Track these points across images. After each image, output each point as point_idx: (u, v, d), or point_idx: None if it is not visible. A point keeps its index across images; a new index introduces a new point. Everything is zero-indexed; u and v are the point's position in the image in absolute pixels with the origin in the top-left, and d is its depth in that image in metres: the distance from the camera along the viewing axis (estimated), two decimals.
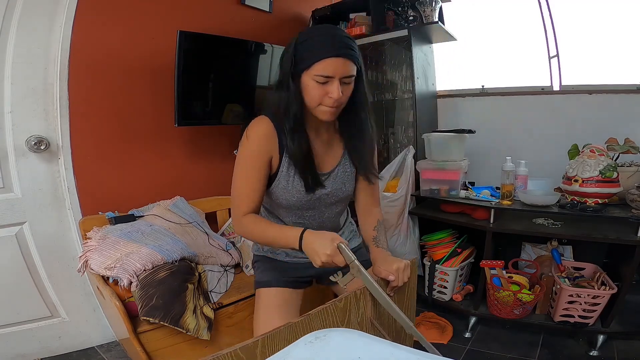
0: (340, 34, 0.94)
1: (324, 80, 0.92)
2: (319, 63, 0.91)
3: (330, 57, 0.90)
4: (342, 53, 0.91)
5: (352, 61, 0.94)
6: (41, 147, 1.58)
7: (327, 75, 0.92)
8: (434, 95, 2.52)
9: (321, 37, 0.93)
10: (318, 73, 0.92)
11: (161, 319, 1.28)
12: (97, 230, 1.55)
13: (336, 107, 0.97)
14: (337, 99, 0.93)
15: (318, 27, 0.99)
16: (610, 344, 1.63)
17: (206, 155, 2.17)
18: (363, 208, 1.18)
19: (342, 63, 0.92)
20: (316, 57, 0.91)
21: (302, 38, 0.95)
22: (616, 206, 1.63)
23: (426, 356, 0.51)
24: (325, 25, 1.00)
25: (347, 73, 0.93)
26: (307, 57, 0.92)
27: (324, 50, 0.91)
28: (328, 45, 0.91)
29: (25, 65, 1.53)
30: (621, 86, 1.98)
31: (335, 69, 0.91)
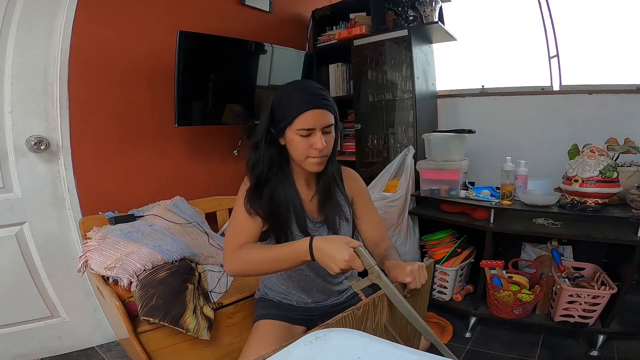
0: (314, 87, 1.00)
1: (306, 133, 0.97)
2: (299, 117, 0.96)
3: (309, 110, 0.95)
4: (319, 104, 0.96)
5: (329, 111, 0.99)
6: (41, 147, 1.58)
7: (309, 128, 0.97)
8: (434, 95, 2.52)
9: (297, 93, 0.98)
10: (300, 127, 0.96)
11: (161, 319, 1.28)
12: (97, 230, 1.55)
13: (322, 157, 1.01)
14: (321, 149, 0.98)
15: (291, 84, 1.03)
16: (610, 344, 1.63)
17: (206, 155, 2.17)
18: (370, 244, 1.16)
19: (320, 114, 0.97)
20: (296, 111, 0.96)
21: (278, 98, 1.00)
22: (616, 206, 1.63)
23: (426, 356, 0.51)
24: (297, 81, 1.05)
25: (327, 122, 0.99)
26: (288, 113, 0.97)
27: (301, 104, 0.96)
28: (305, 99, 0.96)
29: (25, 65, 1.53)
30: (621, 86, 1.98)
31: (316, 121, 0.97)
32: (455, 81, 2.55)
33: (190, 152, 2.11)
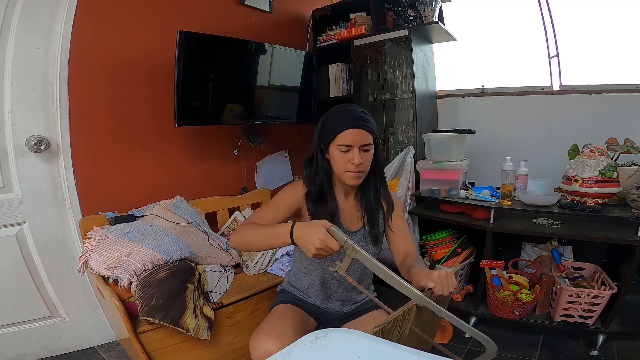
0: (357, 110, 1.12)
1: (346, 149, 1.09)
2: (340, 134, 1.08)
3: (349, 129, 1.07)
4: (358, 125, 1.08)
5: (368, 131, 1.10)
6: (41, 147, 1.58)
7: (348, 144, 1.08)
8: (434, 95, 2.52)
9: (342, 114, 1.11)
10: (340, 143, 1.08)
11: (161, 319, 1.28)
12: (97, 230, 1.55)
13: (359, 172, 1.11)
14: (358, 164, 1.08)
15: (340, 106, 1.15)
16: (610, 344, 1.63)
17: (206, 155, 2.17)
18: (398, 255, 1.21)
19: (359, 133, 1.08)
20: (338, 129, 1.08)
21: (327, 117, 1.14)
22: (616, 206, 1.63)
23: (426, 356, 0.51)
24: (346, 104, 1.17)
25: (365, 142, 1.09)
26: (332, 130, 1.10)
27: (344, 123, 1.08)
28: (347, 119, 1.09)
29: (25, 65, 1.53)
30: (621, 86, 1.98)
31: (354, 139, 1.08)
32: (455, 81, 2.55)
33: (190, 152, 2.11)
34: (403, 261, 1.16)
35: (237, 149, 2.27)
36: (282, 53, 2.27)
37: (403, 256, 1.18)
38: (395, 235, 1.23)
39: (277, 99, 2.35)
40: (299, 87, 2.41)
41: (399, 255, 1.21)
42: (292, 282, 1.34)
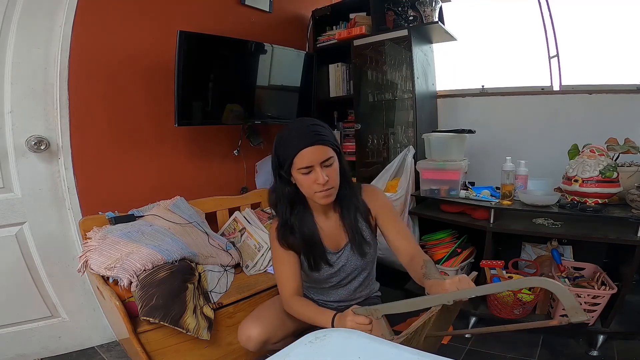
0: (306, 124, 1.04)
1: (307, 171, 1.03)
2: (297, 157, 1.01)
3: (303, 149, 1.00)
4: (313, 141, 1.01)
5: (325, 145, 1.03)
6: (41, 147, 1.58)
7: (307, 166, 1.02)
8: (433, 95, 2.52)
9: (292, 134, 1.03)
10: (299, 166, 1.02)
11: (161, 319, 1.28)
12: (97, 230, 1.55)
13: (328, 190, 1.06)
14: (324, 183, 1.03)
15: (290, 124, 1.08)
16: (610, 344, 1.63)
17: (206, 155, 2.17)
18: (403, 257, 1.16)
19: (316, 150, 1.01)
20: (293, 152, 1.01)
21: (278, 141, 1.07)
22: (616, 206, 1.63)
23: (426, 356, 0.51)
24: (294, 120, 1.11)
25: (324, 157, 1.03)
26: (287, 155, 1.03)
27: (296, 144, 1.01)
28: (299, 139, 1.01)
29: (25, 65, 1.53)
30: (621, 86, 1.98)
31: (312, 158, 1.01)
32: (455, 81, 2.55)
33: (190, 152, 2.11)
34: (411, 263, 1.11)
35: (237, 149, 2.27)
36: (282, 53, 2.27)
37: (409, 257, 1.13)
38: (391, 238, 1.18)
39: (277, 99, 2.35)
40: (299, 87, 2.41)
41: (403, 257, 1.15)
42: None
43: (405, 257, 1.14)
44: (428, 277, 0.99)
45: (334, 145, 1.06)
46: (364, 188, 1.25)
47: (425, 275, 1.01)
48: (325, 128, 1.07)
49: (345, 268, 1.23)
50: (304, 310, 1.12)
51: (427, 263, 1.06)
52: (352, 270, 1.25)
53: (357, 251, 1.20)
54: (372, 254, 1.26)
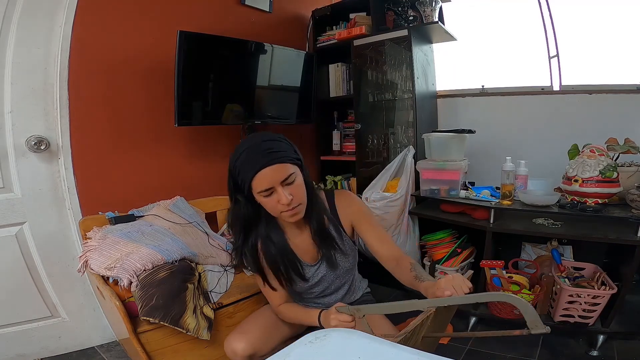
0: (259, 142, 0.96)
1: (268, 193, 0.97)
2: (254, 181, 0.95)
3: (260, 171, 0.93)
4: (268, 162, 0.93)
5: (283, 162, 0.96)
6: (41, 147, 1.58)
7: (267, 188, 0.95)
8: (434, 95, 2.52)
9: (244, 156, 0.96)
10: (258, 190, 0.96)
11: (161, 319, 1.28)
12: (97, 230, 1.55)
13: (295, 208, 1.00)
14: (288, 203, 0.97)
15: (243, 143, 1.00)
16: (610, 344, 1.63)
17: (206, 155, 2.17)
18: (387, 262, 1.12)
19: (273, 170, 0.94)
20: (249, 175, 0.95)
21: (232, 163, 1.00)
22: (616, 206, 1.63)
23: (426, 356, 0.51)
24: (245, 140, 1.02)
25: (283, 176, 0.96)
26: (243, 179, 0.96)
27: (251, 166, 0.94)
28: (254, 160, 0.94)
29: (25, 65, 1.53)
30: (621, 86, 1.98)
31: (270, 179, 0.95)
32: (455, 81, 2.55)
33: (190, 152, 2.11)
34: (398, 267, 1.07)
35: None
36: (282, 53, 2.27)
37: (394, 262, 1.09)
38: (371, 243, 1.14)
39: (277, 99, 2.35)
40: (299, 87, 2.41)
41: (387, 262, 1.11)
42: None
43: (390, 262, 1.10)
44: (421, 279, 0.97)
45: (293, 160, 1.00)
46: (337, 195, 1.21)
47: (417, 278, 0.98)
48: (282, 142, 1.01)
49: (326, 278, 1.21)
50: (293, 315, 1.14)
51: (415, 265, 1.03)
52: (334, 279, 1.23)
53: (328, 266, 1.17)
54: (352, 260, 1.23)
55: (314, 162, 2.76)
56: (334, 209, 1.19)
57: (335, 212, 1.18)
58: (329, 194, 1.21)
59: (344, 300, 1.28)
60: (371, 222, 1.18)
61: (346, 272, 1.24)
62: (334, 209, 1.19)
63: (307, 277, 1.18)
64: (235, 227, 1.10)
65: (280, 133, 1.08)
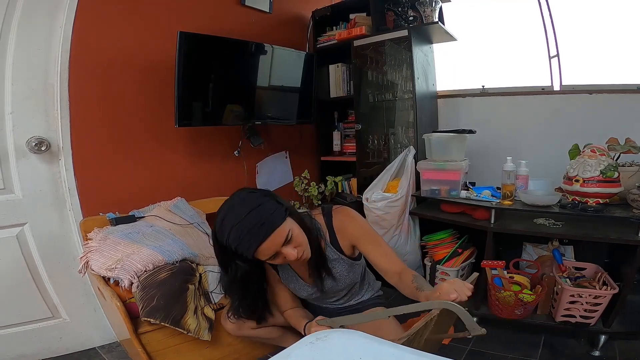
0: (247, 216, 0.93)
1: (273, 257, 0.98)
2: (256, 253, 0.95)
3: (257, 249, 0.94)
4: (265, 234, 0.93)
5: (277, 227, 0.94)
6: (42, 148, 1.58)
7: (271, 255, 0.97)
8: (434, 95, 2.52)
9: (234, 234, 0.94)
10: (264, 259, 0.98)
11: (162, 320, 1.28)
12: (98, 231, 1.55)
13: (302, 255, 1.02)
14: (295, 258, 0.99)
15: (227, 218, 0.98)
16: (612, 344, 1.63)
17: (207, 156, 2.17)
18: (391, 277, 1.14)
19: (272, 239, 0.94)
20: (250, 251, 0.94)
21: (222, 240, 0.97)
22: (617, 206, 1.62)
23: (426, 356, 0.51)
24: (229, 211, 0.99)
25: (282, 240, 0.96)
26: (243, 251, 0.95)
27: (247, 246, 0.93)
28: (247, 241, 0.93)
29: (25, 66, 1.54)
30: (621, 86, 1.98)
31: (272, 247, 0.95)
32: (455, 81, 2.55)
33: (191, 152, 2.11)
34: (400, 281, 1.09)
35: (237, 149, 2.27)
36: (282, 53, 2.27)
37: (397, 276, 1.11)
38: (375, 261, 1.16)
39: (278, 100, 2.35)
40: (299, 88, 2.41)
41: (391, 277, 1.13)
42: None
43: (394, 277, 1.12)
44: (421, 289, 0.99)
45: (283, 217, 0.98)
46: (335, 215, 1.20)
47: (418, 288, 1.00)
48: (266, 203, 0.98)
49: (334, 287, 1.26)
50: (291, 321, 1.24)
51: (416, 277, 1.05)
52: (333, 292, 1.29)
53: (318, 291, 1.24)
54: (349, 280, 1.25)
55: (314, 163, 2.76)
56: (333, 233, 1.19)
57: (333, 235, 1.19)
58: (327, 214, 1.20)
59: (348, 301, 1.33)
60: (372, 240, 1.17)
61: (349, 286, 1.30)
62: (332, 233, 1.19)
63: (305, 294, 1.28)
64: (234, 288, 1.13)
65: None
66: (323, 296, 1.28)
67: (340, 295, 1.32)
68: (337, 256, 1.19)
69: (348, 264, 1.21)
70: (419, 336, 0.77)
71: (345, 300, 1.35)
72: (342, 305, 1.36)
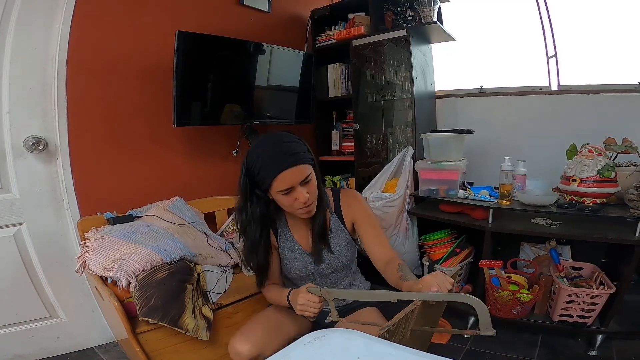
0: (281, 142, 1.02)
1: (287, 192, 1.03)
2: (275, 180, 1.00)
3: (282, 172, 0.99)
4: (291, 163, 1.00)
5: (303, 163, 1.03)
6: (39, 147, 1.57)
7: (287, 188, 1.02)
8: (432, 95, 2.52)
9: (266, 156, 1.01)
10: (279, 189, 1.02)
11: (160, 320, 1.28)
12: (96, 230, 1.55)
13: (309, 205, 1.07)
14: (305, 201, 1.04)
15: (258, 145, 1.05)
16: (609, 344, 1.64)
17: (205, 155, 2.17)
18: (377, 262, 1.17)
19: (295, 172, 1.01)
20: (271, 176, 1.00)
21: (252, 161, 1.03)
22: (614, 206, 1.63)
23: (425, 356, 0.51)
24: (264, 140, 1.06)
25: (303, 177, 1.03)
26: (264, 177, 1.01)
27: (275, 167, 0.99)
28: (277, 161, 0.99)
29: (23, 65, 1.53)
30: (619, 86, 1.99)
31: (292, 179, 1.01)
32: (453, 81, 2.56)
33: (189, 152, 2.10)
34: (386, 268, 1.12)
35: (236, 149, 2.26)
36: (280, 53, 2.27)
37: (384, 263, 1.13)
38: (367, 243, 1.19)
39: (276, 99, 2.34)
40: (297, 87, 2.41)
41: (377, 262, 1.16)
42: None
43: (380, 263, 1.15)
44: (405, 279, 1.01)
45: (310, 160, 1.06)
46: (343, 193, 1.26)
47: (402, 278, 1.02)
48: (300, 143, 1.07)
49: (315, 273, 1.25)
50: (270, 295, 1.21)
51: (403, 267, 1.07)
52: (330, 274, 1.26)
53: (314, 262, 1.21)
54: (345, 259, 1.25)
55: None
56: (339, 207, 1.24)
57: (339, 210, 1.23)
58: (335, 191, 1.26)
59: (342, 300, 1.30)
60: (371, 224, 1.22)
61: (343, 267, 1.27)
62: (338, 207, 1.24)
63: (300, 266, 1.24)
64: (252, 225, 1.12)
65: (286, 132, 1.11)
66: (316, 274, 1.25)
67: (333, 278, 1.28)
68: (340, 227, 1.22)
69: (347, 240, 1.24)
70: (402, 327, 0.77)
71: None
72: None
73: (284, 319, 1.23)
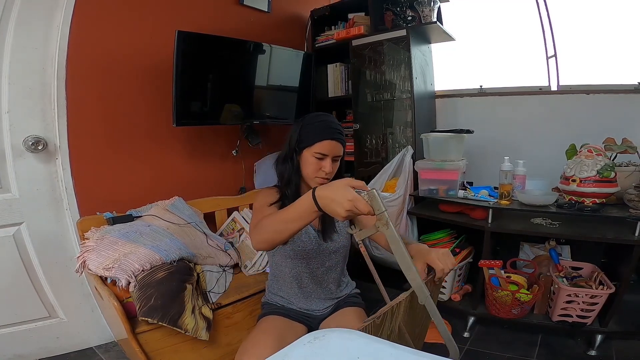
0: (335, 122, 1.20)
1: (320, 157, 1.16)
2: (319, 143, 1.15)
3: (327, 140, 1.15)
4: (335, 137, 1.16)
5: (341, 144, 1.19)
6: (39, 147, 1.57)
7: (323, 153, 1.16)
8: (432, 95, 2.52)
9: (323, 123, 1.18)
10: (317, 151, 1.16)
11: (160, 319, 1.28)
12: (95, 230, 1.55)
13: (326, 179, 1.19)
14: (328, 172, 1.17)
15: (320, 114, 1.23)
16: (609, 344, 1.64)
17: (205, 155, 2.17)
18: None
19: (335, 145, 1.17)
20: (318, 138, 1.15)
21: (307, 122, 1.19)
22: (614, 206, 1.63)
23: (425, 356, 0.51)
24: (325, 113, 1.25)
25: (338, 153, 1.19)
26: (310, 137, 1.16)
27: (324, 133, 1.15)
28: (327, 130, 1.16)
29: (22, 65, 1.53)
30: (619, 86, 1.99)
31: (330, 149, 1.16)
32: (453, 81, 2.56)
33: (189, 152, 2.10)
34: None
35: (235, 149, 2.26)
36: (280, 53, 2.27)
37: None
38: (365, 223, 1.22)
39: (276, 99, 2.34)
40: (297, 87, 2.41)
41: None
42: (272, 290, 1.35)
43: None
44: (408, 242, 1.03)
45: (345, 148, 1.23)
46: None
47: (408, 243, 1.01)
48: (343, 132, 1.22)
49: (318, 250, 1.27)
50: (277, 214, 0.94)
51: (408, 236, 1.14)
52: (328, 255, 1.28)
53: (322, 237, 1.26)
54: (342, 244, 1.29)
55: None
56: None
57: None
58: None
59: (333, 292, 1.33)
60: None
61: (342, 249, 1.30)
62: None
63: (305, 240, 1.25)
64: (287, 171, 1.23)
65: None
66: (319, 250, 1.26)
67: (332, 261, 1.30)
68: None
69: (345, 224, 1.30)
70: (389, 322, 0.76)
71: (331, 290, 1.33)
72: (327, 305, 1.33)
73: (287, 321, 1.24)
